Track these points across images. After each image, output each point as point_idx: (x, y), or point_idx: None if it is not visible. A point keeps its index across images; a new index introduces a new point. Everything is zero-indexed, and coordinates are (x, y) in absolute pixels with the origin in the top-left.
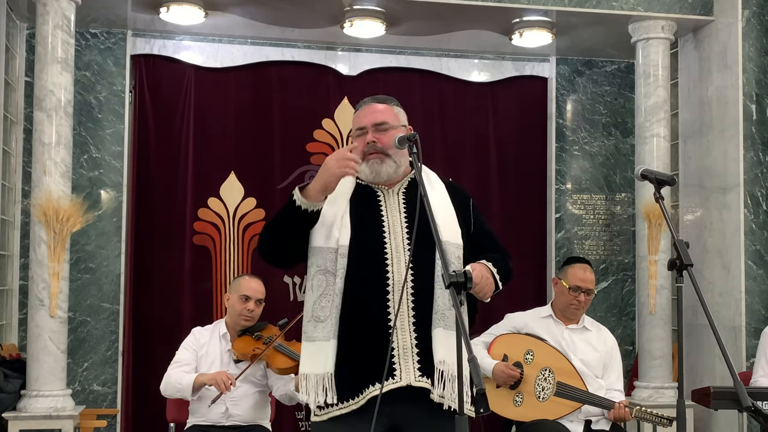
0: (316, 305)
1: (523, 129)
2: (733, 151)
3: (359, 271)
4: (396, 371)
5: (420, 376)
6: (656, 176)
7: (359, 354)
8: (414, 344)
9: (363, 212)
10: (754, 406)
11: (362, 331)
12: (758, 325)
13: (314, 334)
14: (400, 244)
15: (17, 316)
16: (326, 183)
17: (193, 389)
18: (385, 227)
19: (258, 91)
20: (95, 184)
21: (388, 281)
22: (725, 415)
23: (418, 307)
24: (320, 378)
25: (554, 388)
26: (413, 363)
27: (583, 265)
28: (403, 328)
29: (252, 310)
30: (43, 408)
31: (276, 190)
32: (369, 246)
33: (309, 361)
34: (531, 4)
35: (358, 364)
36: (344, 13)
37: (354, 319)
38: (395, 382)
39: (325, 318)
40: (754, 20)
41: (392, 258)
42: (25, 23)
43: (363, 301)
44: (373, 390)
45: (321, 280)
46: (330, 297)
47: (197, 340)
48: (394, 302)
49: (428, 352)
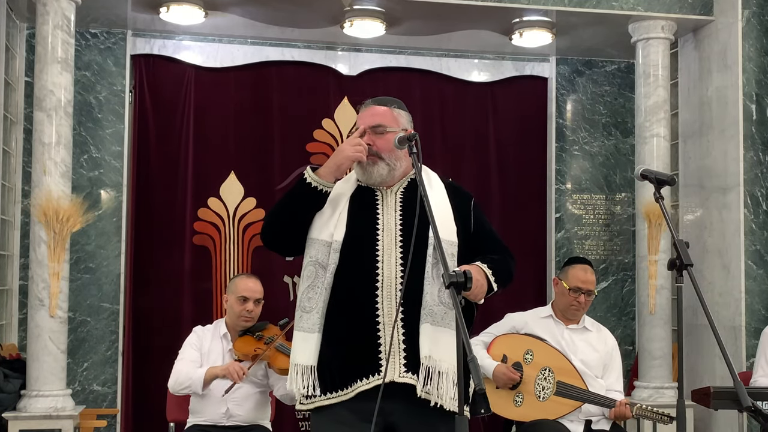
0: (304, 295)
1: (523, 129)
2: (733, 151)
3: (350, 267)
4: (381, 367)
5: (405, 372)
6: (656, 176)
7: (345, 348)
8: (401, 341)
9: (360, 211)
10: (754, 406)
11: (349, 325)
12: (758, 325)
13: (300, 324)
14: (392, 242)
15: (17, 316)
16: (339, 164)
17: (204, 382)
18: (379, 226)
19: (258, 91)
20: (95, 184)
21: (377, 278)
22: (725, 415)
23: (406, 304)
24: (305, 368)
25: (554, 388)
26: (399, 359)
27: (584, 265)
28: (390, 325)
29: (251, 311)
30: (43, 408)
31: (276, 190)
32: (361, 243)
33: (297, 351)
34: (531, 4)
35: (344, 358)
36: (344, 13)
37: (341, 313)
38: (379, 378)
39: (311, 309)
40: (754, 20)
41: (383, 256)
42: (25, 23)
43: (351, 297)
44: (361, 385)
45: (311, 271)
46: (318, 289)
47: (200, 339)
48: (383, 299)
49: (415, 348)
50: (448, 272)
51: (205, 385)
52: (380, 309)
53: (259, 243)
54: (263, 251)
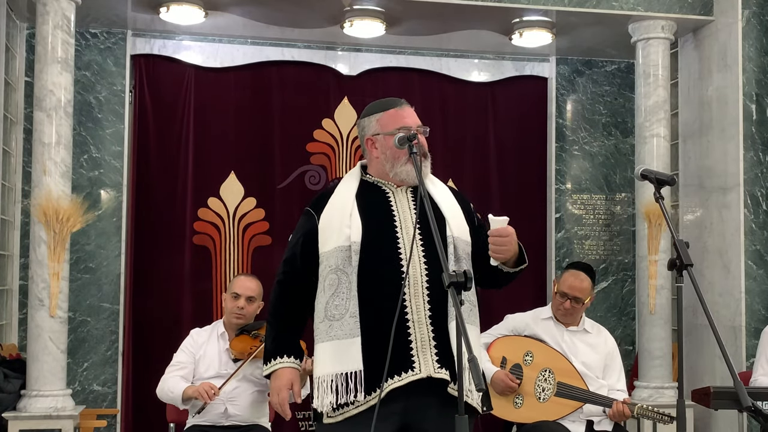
0: (329, 305)
1: (523, 129)
2: (733, 151)
3: (373, 268)
4: (415, 364)
5: (439, 368)
6: (656, 176)
7: (379, 349)
8: (431, 337)
9: (372, 208)
10: (754, 406)
11: (380, 326)
12: (758, 325)
13: (332, 333)
14: (411, 239)
15: (17, 316)
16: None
17: (183, 400)
18: (396, 222)
19: (258, 91)
20: (95, 184)
21: (402, 276)
22: (725, 415)
23: (433, 301)
24: (349, 376)
25: (554, 389)
26: (431, 356)
27: (577, 272)
28: (420, 322)
29: (242, 308)
30: (43, 408)
31: (276, 190)
32: (381, 242)
33: (331, 360)
34: (531, 4)
35: (379, 360)
36: (344, 13)
37: (371, 315)
38: (415, 374)
39: (341, 316)
40: (754, 20)
41: (405, 253)
42: (25, 23)
43: (379, 297)
44: (392, 383)
45: (333, 279)
46: (344, 294)
47: (195, 342)
48: (410, 296)
49: (446, 345)
50: (449, 272)
51: (185, 402)
52: (409, 307)
53: (259, 243)
54: (263, 251)
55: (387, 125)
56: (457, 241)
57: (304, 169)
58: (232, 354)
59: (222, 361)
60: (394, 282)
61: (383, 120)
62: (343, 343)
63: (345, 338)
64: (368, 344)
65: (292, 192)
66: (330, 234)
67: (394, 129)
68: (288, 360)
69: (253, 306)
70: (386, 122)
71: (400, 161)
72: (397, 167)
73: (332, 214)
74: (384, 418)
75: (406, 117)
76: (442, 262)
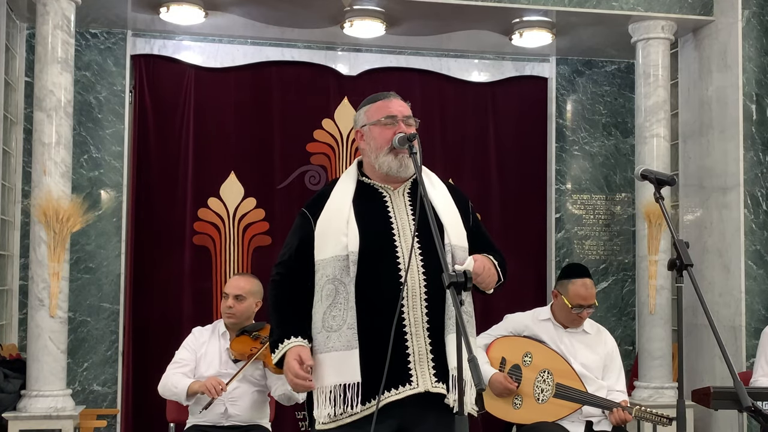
0: (327, 315)
1: (523, 129)
2: (733, 151)
3: (371, 278)
4: (413, 377)
5: (436, 382)
6: (656, 176)
7: (377, 361)
8: (429, 350)
9: (370, 214)
10: (754, 406)
11: (378, 338)
12: (758, 325)
13: (329, 344)
14: (409, 248)
15: (17, 316)
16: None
17: (188, 395)
18: (394, 230)
19: (258, 91)
20: (95, 184)
21: (401, 287)
22: (725, 415)
23: (431, 313)
24: (347, 387)
25: (553, 390)
26: (429, 369)
27: (584, 280)
28: (418, 334)
29: (231, 307)
30: (43, 408)
31: (276, 190)
32: (379, 251)
33: (330, 372)
34: (531, 4)
35: (376, 372)
36: (344, 13)
37: (369, 326)
38: (413, 389)
39: (339, 327)
40: (754, 20)
41: (404, 263)
42: (25, 23)
43: (377, 308)
44: (389, 396)
45: (331, 289)
46: (341, 305)
47: (197, 340)
48: (408, 308)
49: (442, 358)
50: (448, 272)
51: (189, 397)
52: (407, 318)
53: (259, 243)
54: (263, 251)
55: (373, 115)
56: (455, 249)
57: (304, 170)
58: (232, 354)
59: (222, 360)
60: (393, 292)
61: (370, 111)
62: (342, 355)
63: (343, 350)
64: (366, 356)
65: (292, 192)
66: (326, 241)
67: (379, 118)
68: (292, 340)
69: (243, 305)
70: (373, 113)
71: (382, 151)
72: (381, 157)
73: (329, 220)
74: (380, 421)
75: (391, 107)
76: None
